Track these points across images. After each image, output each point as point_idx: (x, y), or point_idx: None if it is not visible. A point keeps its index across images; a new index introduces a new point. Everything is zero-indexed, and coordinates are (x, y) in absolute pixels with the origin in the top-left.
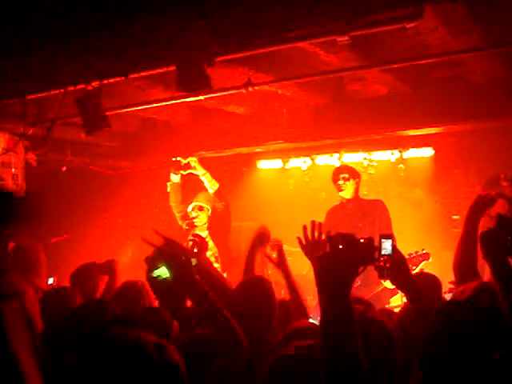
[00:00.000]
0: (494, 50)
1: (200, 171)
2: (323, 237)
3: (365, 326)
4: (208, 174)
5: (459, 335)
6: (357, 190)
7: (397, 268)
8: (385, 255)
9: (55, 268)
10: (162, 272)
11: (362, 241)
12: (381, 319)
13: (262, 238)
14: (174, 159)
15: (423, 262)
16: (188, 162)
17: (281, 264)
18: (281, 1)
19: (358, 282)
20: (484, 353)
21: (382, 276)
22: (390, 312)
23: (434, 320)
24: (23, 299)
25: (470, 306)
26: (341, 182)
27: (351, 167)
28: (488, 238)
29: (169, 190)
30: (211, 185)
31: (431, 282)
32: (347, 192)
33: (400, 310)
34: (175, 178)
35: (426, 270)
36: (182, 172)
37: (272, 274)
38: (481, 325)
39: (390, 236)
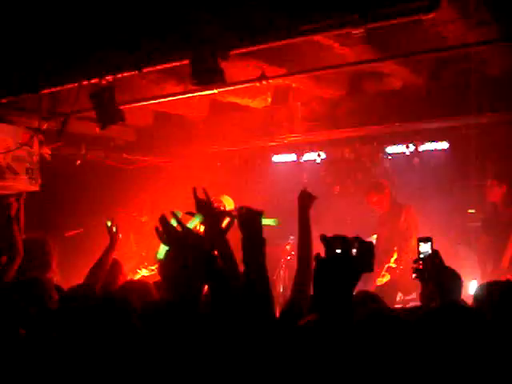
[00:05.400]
0: (511, 42)
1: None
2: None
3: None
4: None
5: None
6: (389, 200)
7: (435, 271)
8: (423, 258)
9: (69, 262)
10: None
11: (363, 243)
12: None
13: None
14: None
15: None
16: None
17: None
18: None
19: None
20: None
21: (423, 279)
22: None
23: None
24: None
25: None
26: (373, 202)
27: (376, 184)
28: None
29: None
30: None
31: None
32: (382, 207)
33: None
34: None
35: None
36: None
37: None
38: None
39: (428, 239)
